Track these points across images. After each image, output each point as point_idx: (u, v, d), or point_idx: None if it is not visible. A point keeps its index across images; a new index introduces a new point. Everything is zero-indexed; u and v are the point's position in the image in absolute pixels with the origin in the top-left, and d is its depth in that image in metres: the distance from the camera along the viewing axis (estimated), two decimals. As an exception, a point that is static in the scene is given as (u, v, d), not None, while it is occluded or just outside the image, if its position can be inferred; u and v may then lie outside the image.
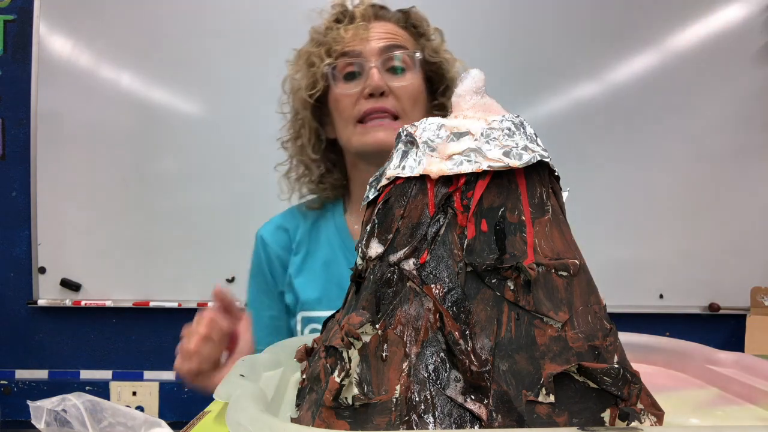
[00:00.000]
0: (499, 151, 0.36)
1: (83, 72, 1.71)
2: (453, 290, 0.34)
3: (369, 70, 0.75)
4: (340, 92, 0.77)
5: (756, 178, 1.77)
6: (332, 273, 0.82)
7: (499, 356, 0.32)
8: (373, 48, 0.76)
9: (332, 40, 0.76)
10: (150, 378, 1.77)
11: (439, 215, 0.36)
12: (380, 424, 0.31)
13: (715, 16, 1.76)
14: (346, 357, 0.34)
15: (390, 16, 0.81)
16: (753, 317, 1.74)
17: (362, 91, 0.75)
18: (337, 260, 0.83)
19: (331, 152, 0.86)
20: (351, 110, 0.76)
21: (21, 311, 1.77)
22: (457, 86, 0.42)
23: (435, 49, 0.82)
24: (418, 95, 0.79)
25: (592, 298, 0.35)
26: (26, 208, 1.74)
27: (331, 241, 0.85)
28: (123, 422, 0.37)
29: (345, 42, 0.76)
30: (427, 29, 0.83)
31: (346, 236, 0.84)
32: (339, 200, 0.89)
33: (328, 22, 0.79)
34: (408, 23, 0.82)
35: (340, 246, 0.84)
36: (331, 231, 0.86)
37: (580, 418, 0.31)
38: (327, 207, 0.88)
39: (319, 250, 0.84)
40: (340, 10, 0.80)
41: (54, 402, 0.36)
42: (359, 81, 0.76)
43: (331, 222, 0.86)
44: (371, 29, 0.77)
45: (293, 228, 0.87)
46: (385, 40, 0.77)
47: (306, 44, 0.82)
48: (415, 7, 0.84)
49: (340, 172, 0.87)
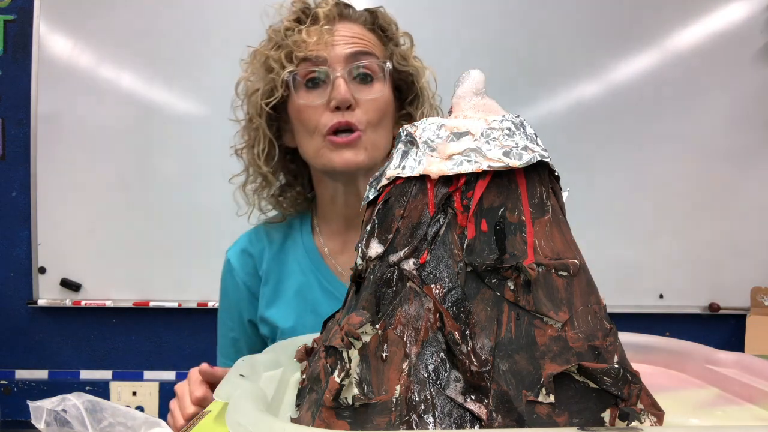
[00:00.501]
0: (499, 151, 0.36)
1: (83, 72, 1.71)
2: (453, 290, 0.34)
3: (334, 80, 0.68)
4: (303, 103, 0.70)
5: (756, 178, 1.77)
6: (306, 300, 0.76)
7: (499, 356, 0.32)
8: (338, 54, 0.69)
9: (293, 43, 0.69)
10: (150, 378, 1.78)
11: (439, 215, 0.36)
12: (380, 424, 0.31)
13: (715, 16, 1.76)
14: (346, 357, 0.34)
15: (356, 16, 0.74)
16: (753, 317, 1.74)
17: (328, 103, 0.68)
18: (309, 285, 0.76)
19: (291, 162, 0.79)
20: (314, 122, 0.69)
21: (21, 311, 1.77)
22: (457, 87, 0.42)
23: (404, 55, 0.76)
24: (387, 108, 0.73)
25: (592, 298, 0.35)
26: (26, 208, 1.74)
27: (302, 265, 0.78)
28: (123, 422, 0.37)
29: (307, 46, 0.68)
30: (396, 33, 0.76)
31: (316, 258, 0.78)
32: (306, 216, 0.82)
33: (288, 22, 0.71)
34: (375, 25, 0.75)
35: (312, 269, 0.77)
36: (300, 254, 0.78)
37: (580, 418, 0.31)
38: (293, 225, 0.81)
39: (289, 278, 0.78)
40: (302, 8, 0.72)
41: (54, 402, 0.36)
42: (323, 90, 0.69)
43: (300, 243, 0.79)
44: (336, 32, 0.70)
45: (258, 253, 0.80)
46: (352, 45, 0.70)
47: (263, 44, 0.74)
48: (383, 7, 0.76)
49: (303, 186, 0.81)
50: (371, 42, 0.73)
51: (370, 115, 0.70)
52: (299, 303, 0.76)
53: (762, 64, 1.75)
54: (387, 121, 0.73)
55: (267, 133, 0.73)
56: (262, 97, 0.71)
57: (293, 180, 0.80)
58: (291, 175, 0.80)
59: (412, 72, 0.76)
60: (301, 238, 0.80)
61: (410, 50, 0.78)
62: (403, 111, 0.78)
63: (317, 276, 0.77)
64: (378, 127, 0.71)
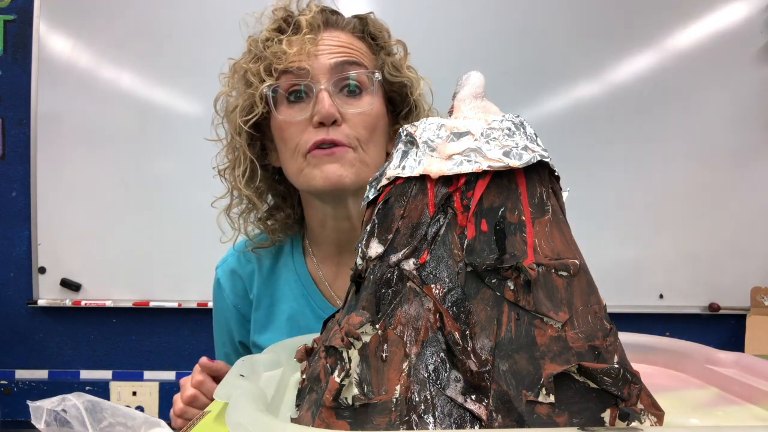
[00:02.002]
0: (499, 151, 0.36)
1: (83, 72, 1.71)
2: (453, 290, 0.34)
3: (317, 93, 0.62)
4: (284, 119, 0.64)
5: (756, 178, 1.77)
6: (299, 327, 0.72)
7: (499, 356, 0.32)
8: (322, 65, 0.63)
9: (272, 54, 0.63)
10: (150, 378, 1.78)
11: (439, 215, 0.36)
12: (380, 424, 0.31)
13: (715, 16, 1.76)
14: (346, 357, 0.34)
15: (344, 23, 0.68)
16: (753, 317, 1.74)
17: (311, 118, 0.62)
18: (303, 313, 0.72)
19: (279, 183, 0.73)
20: (297, 140, 0.63)
21: (21, 311, 1.77)
22: (457, 90, 0.42)
23: (396, 65, 0.69)
24: (377, 122, 0.66)
25: (592, 298, 0.35)
26: (26, 208, 1.74)
27: (294, 291, 0.73)
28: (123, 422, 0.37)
29: (288, 57, 0.62)
30: (388, 41, 0.70)
31: (308, 284, 0.73)
32: (297, 239, 0.76)
33: (268, 32, 0.66)
34: (365, 32, 0.69)
35: (304, 296, 0.73)
36: (291, 279, 0.74)
37: (580, 418, 0.31)
38: (283, 248, 0.76)
39: (281, 303, 0.74)
40: (283, 17, 0.67)
41: (54, 402, 0.36)
42: (306, 104, 0.63)
43: (291, 268, 0.74)
44: (320, 41, 0.64)
45: (248, 276, 0.76)
46: (337, 54, 0.64)
47: (242, 57, 0.68)
48: (373, 14, 0.71)
49: (293, 207, 0.75)
50: (360, 51, 0.67)
51: (358, 131, 0.63)
52: (292, 329, 0.72)
53: (762, 64, 1.75)
54: (378, 136, 0.67)
55: (247, 153, 0.68)
56: (241, 114, 0.65)
57: (282, 202, 0.74)
58: (279, 197, 0.74)
59: (406, 83, 0.70)
60: (293, 262, 0.75)
61: (404, 59, 0.71)
62: (397, 125, 0.72)
63: (310, 303, 0.73)
64: (368, 143, 0.65)
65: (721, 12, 1.76)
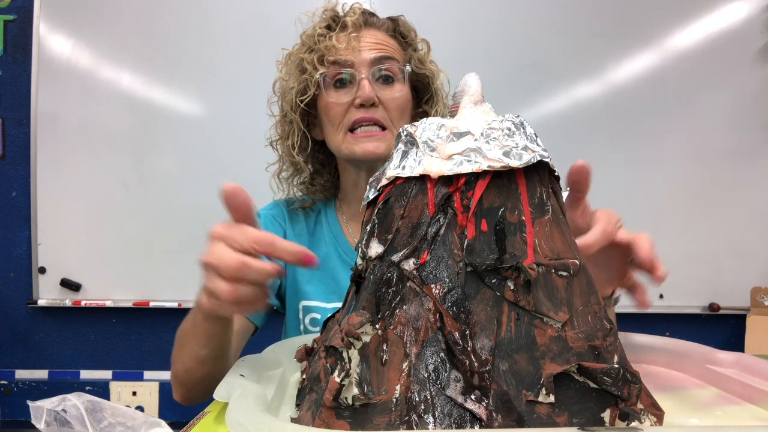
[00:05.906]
0: (499, 151, 0.36)
1: (83, 72, 1.71)
2: (453, 290, 0.34)
3: (360, 81, 0.77)
4: (332, 100, 0.79)
5: (756, 178, 1.77)
6: (329, 270, 0.84)
7: (499, 356, 0.32)
8: (364, 58, 0.78)
9: (324, 48, 0.79)
10: (150, 378, 1.77)
11: (439, 215, 0.36)
12: (380, 424, 0.31)
13: (715, 16, 1.76)
14: (346, 357, 0.34)
15: (380, 24, 0.84)
16: (753, 317, 1.74)
17: (353, 101, 0.78)
18: (331, 258, 0.86)
19: (320, 153, 0.88)
20: (341, 118, 0.79)
21: (21, 311, 1.77)
22: (455, 91, 0.42)
23: (421, 59, 0.85)
24: (406, 105, 0.82)
25: (592, 298, 0.35)
26: (26, 208, 1.73)
27: (326, 239, 0.87)
28: (123, 422, 0.37)
29: (337, 51, 0.78)
30: (415, 39, 0.85)
31: (338, 235, 0.87)
32: (331, 200, 0.91)
33: (320, 29, 0.81)
34: (397, 32, 0.84)
35: (333, 244, 0.87)
36: (325, 230, 0.88)
37: (580, 418, 0.31)
38: (318, 207, 0.91)
39: (315, 249, 0.86)
40: (332, 16, 0.82)
41: (54, 402, 0.36)
42: (349, 89, 0.78)
43: (324, 222, 0.89)
44: (362, 38, 0.80)
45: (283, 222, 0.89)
46: (375, 50, 0.79)
47: (297, 47, 0.83)
48: (404, 16, 0.86)
49: (330, 173, 0.90)
50: (392, 47, 0.82)
51: (391, 112, 0.79)
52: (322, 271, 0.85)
53: (762, 64, 1.75)
54: (406, 117, 0.83)
55: (301, 127, 0.83)
56: (297, 95, 0.80)
57: (321, 168, 0.89)
58: (319, 164, 0.89)
59: (429, 74, 0.85)
60: (326, 217, 0.89)
61: (427, 55, 0.86)
62: (420, 109, 0.87)
63: (337, 249, 0.86)
64: (399, 122, 0.80)
65: (721, 12, 1.76)
